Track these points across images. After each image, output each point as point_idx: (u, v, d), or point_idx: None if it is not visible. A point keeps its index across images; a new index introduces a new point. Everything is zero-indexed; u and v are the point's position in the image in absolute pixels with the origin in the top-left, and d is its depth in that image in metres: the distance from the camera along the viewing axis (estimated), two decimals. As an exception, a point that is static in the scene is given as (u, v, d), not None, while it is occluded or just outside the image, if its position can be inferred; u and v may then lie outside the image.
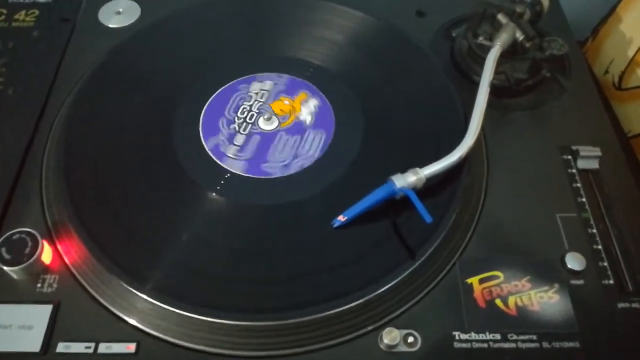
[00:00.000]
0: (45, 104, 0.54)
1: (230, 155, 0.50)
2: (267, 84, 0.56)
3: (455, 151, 0.46)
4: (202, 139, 0.51)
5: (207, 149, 0.51)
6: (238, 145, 0.51)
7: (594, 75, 0.65)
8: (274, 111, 0.54)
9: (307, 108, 0.53)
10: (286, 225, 0.47)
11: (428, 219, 0.42)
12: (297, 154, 0.51)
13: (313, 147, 0.51)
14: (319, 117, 0.54)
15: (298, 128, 0.53)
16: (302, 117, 0.53)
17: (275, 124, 0.53)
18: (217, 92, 0.55)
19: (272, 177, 0.49)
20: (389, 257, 0.44)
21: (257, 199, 0.48)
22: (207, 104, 0.54)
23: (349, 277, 0.43)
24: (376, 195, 0.44)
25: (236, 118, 0.53)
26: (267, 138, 0.52)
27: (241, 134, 0.52)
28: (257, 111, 0.54)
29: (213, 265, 0.44)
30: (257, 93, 0.55)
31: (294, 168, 0.50)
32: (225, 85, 0.55)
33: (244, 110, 0.53)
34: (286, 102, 0.54)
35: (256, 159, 0.51)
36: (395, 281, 0.42)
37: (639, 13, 0.63)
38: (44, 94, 0.55)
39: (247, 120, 0.53)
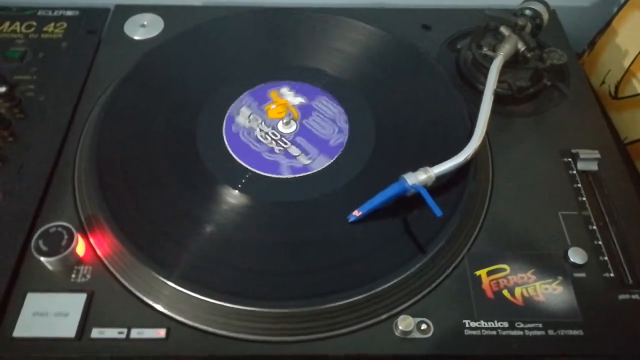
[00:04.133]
0: (76, 109, 0.58)
1: (307, 162, 0.53)
2: (246, 111, 0.57)
3: (462, 152, 0.49)
4: (274, 175, 0.53)
5: (291, 175, 0.53)
6: (299, 153, 0.54)
7: (591, 85, 0.69)
8: (275, 118, 0.57)
9: (288, 96, 0.58)
10: (305, 220, 0.49)
11: (438, 212, 0.45)
12: (334, 118, 0.56)
13: (331, 108, 0.57)
14: (302, 91, 0.59)
15: (307, 109, 0.58)
16: (296, 102, 0.58)
17: (293, 122, 0.57)
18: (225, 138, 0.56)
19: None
20: (403, 251, 0.46)
21: (277, 196, 0.51)
22: (226, 144, 0.55)
23: (366, 269, 0.45)
24: (389, 192, 0.47)
25: (269, 144, 0.55)
26: (304, 132, 0.56)
27: (288, 145, 0.55)
28: (270, 128, 0.56)
29: (236, 256, 0.46)
30: (249, 121, 0.57)
31: (344, 127, 0.56)
32: (224, 129, 0.56)
33: (262, 136, 0.55)
34: (273, 106, 0.57)
35: (321, 145, 0.55)
36: (409, 272, 0.45)
37: (634, 26, 0.66)
38: (74, 100, 0.58)
39: (274, 137, 0.55)
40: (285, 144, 0.55)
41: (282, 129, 0.56)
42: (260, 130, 0.56)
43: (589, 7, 0.76)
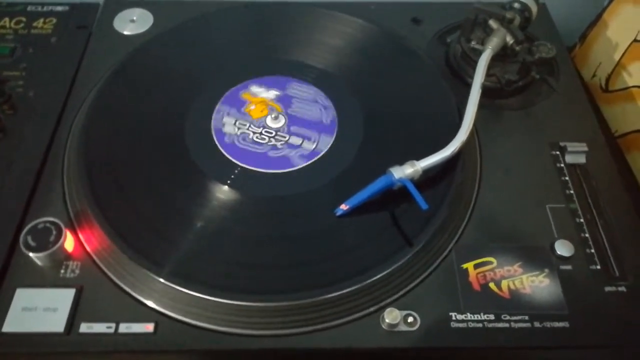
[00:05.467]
0: (65, 105, 0.58)
1: (313, 146, 0.54)
2: (229, 120, 0.56)
3: (449, 146, 0.49)
4: (290, 169, 0.53)
5: (306, 163, 0.53)
6: (302, 141, 0.55)
7: (582, 79, 0.69)
8: (261, 117, 0.57)
9: (261, 93, 0.58)
10: (293, 215, 0.50)
11: (424, 206, 0.45)
12: (314, 99, 0.58)
13: (306, 90, 0.59)
14: (271, 84, 0.60)
15: (285, 99, 0.58)
16: (271, 96, 0.58)
17: (281, 116, 0.57)
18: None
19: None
20: (390, 244, 0.47)
21: (265, 191, 0.51)
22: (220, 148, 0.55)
23: (353, 262, 0.45)
24: (376, 186, 0.47)
25: (268, 142, 0.55)
26: (294, 120, 0.57)
27: (288, 137, 0.55)
28: (261, 128, 0.56)
29: (225, 251, 0.47)
30: (238, 128, 0.56)
31: (327, 104, 0.58)
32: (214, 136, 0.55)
33: (258, 137, 0.55)
34: (252, 107, 0.56)
35: (317, 126, 0.56)
36: (396, 266, 0.45)
37: (624, 19, 0.66)
38: (64, 95, 0.58)
39: (270, 135, 0.55)
40: (284, 137, 0.55)
41: (272, 124, 0.56)
42: (253, 132, 0.55)
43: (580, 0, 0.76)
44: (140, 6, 0.68)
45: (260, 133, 0.56)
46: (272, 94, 0.59)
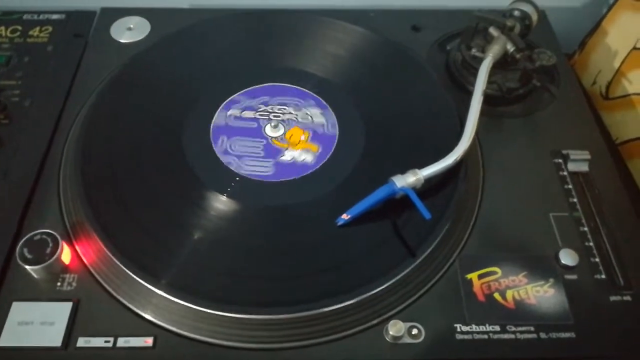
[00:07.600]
0: (61, 114, 0.57)
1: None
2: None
3: (451, 154, 0.49)
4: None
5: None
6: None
7: (582, 86, 0.68)
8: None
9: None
10: (294, 225, 0.49)
11: (427, 215, 0.45)
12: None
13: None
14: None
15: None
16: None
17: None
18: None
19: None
20: (392, 254, 0.46)
21: (266, 201, 0.50)
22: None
23: (356, 273, 0.45)
24: (378, 195, 0.47)
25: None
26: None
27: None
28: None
29: (225, 262, 0.46)
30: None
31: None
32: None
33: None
34: (302, 137, 0.56)
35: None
36: (399, 277, 0.44)
37: (623, 26, 0.66)
38: (60, 104, 0.57)
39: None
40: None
41: (271, 133, 0.56)
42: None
43: (579, 8, 0.76)
44: (137, 14, 0.67)
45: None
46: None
